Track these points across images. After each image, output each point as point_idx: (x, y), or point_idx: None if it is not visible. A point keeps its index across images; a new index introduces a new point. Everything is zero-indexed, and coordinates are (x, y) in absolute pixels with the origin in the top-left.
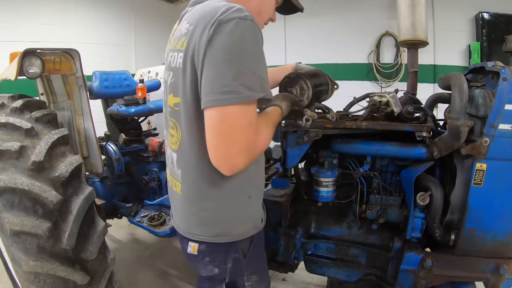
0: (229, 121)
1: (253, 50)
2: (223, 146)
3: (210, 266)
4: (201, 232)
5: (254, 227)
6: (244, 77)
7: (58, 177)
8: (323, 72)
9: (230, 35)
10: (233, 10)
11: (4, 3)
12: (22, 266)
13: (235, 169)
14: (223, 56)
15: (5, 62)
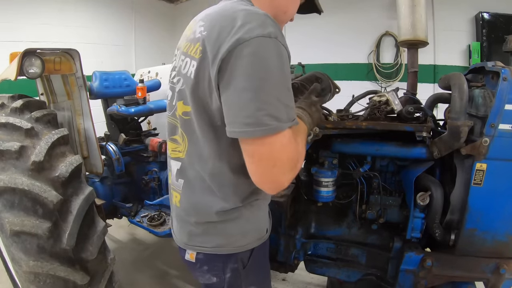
0: (263, 151)
1: (278, 75)
2: (263, 170)
3: (208, 275)
4: (200, 243)
5: (257, 239)
6: (269, 106)
7: (58, 177)
8: (325, 74)
9: (251, 58)
10: (255, 25)
11: (4, 3)
12: (22, 266)
13: (281, 187)
14: (244, 84)
15: (5, 62)
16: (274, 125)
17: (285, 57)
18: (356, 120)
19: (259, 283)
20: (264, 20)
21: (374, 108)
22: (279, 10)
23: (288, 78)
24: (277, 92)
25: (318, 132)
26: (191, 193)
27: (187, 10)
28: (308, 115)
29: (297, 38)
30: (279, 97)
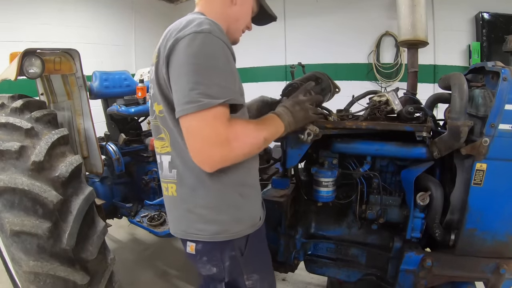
0: (195, 125)
1: (209, 61)
2: (195, 145)
3: (208, 265)
4: (198, 231)
5: (251, 225)
6: (201, 86)
7: (58, 177)
8: (325, 74)
9: (185, 49)
10: (192, 25)
11: (4, 3)
12: (22, 266)
13: (213, 163)
14: (180, 70)
15: (5, 62)
16: (206, 101)
17: (218, 46)
18: (356, 120)
19: (260, 270)
20: (203, 22)
21: (374, 108)
22: (231, 19)
23: (224, 63)
24: (209, 74)
25: (318, 132)
26: (185, 181)
27: (187, 10)
28: (290, 113)
29: (297, 38)
30: (212, 78)
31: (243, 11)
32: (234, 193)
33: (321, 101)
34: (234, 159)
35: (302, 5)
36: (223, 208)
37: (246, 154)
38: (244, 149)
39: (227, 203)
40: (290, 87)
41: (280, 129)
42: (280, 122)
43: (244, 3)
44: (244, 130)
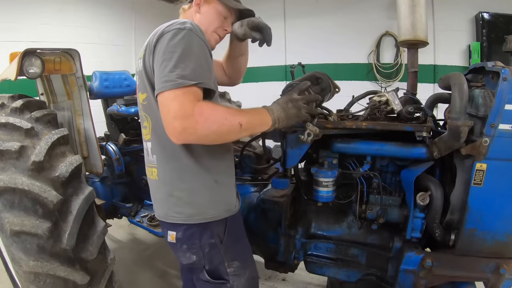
0: (168, 100)
1: (187, 50)
2: (164, 116)
3: (188, 253)
4: (177, 213)
5: (226, 210)
6: (178, 69)
7: (58, 177)
8: (325, 74)
9: (169, 41)
10: (177, 23)
11: (4, 3)
12: (22, 266)
13: (177, 134)
14: (163, 57)
15: (5, 62)
16: (180, 81)
17: (197, 42)
18: (356, 120)
19: (241, 258)
20: (187, 21)
21: (374, 108)
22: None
23: (200, 54)
24: (186, 60)
25: (318, 132)
26: (164, 165)
27: None
28: (281, 109)
29: (297, 38)
30: (188, 63)
31: (207, 18)
32: (210, 179)
33: (319, 101)
34: (201, 134)
35: (302, 5)
36: (199, 191)
37: (214, 131)
38: (210, 126)
39: (203, 187)
40: (290, 87)
41: (266, 121)
42: (267, 115)
43: (206, 11)
44: (212, 109)
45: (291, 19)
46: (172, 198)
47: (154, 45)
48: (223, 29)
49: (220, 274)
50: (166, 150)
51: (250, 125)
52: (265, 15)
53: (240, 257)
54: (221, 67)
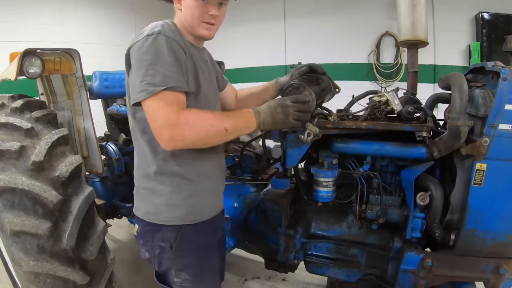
0: (153, 110)
1: (156, 56)
2: (152, 126)
3: (143, 249)
4: (139, 207)
5: (181, 217)
6: (148, 77)
7: (58, 177)
8: (324, 74)
9: (138, 50)
10: (147, 30)
11: (4, 3)
12: (22, 266)
13: (166, 142)
14: (135, 67)
15: (5, 62)
16: (151, 89)
17: (166, 43)
18: (356, 120)
19: (193, 272)
20: (157, 25)
21: (374, 108)
22: (185, 21)
23: (169, 57)
24: (155, 66)
25: (318, 132)
26: (137, 162)
27: None
28: (269, 113)
29: (297, 38)
30: (157, 69)
31: (188, 10)
32: (172, 182)
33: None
34: (188, 140)
35: (302, 5)
36: (159, 192)
37: (201, 138)
38: (197, 132)
39: (163, 188)
40: (290, 87)
41: (251, 124)
42: (253, 118)
43: (185, 4)
44: (197, 116)
45: (291, 19)
46: (138, 193)
47: (127, 57)
48: (208, 14)
49: (168, 280)
50: (139, 151)
51: (235, 128)
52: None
53: (192, 271)
54: (233, 95)
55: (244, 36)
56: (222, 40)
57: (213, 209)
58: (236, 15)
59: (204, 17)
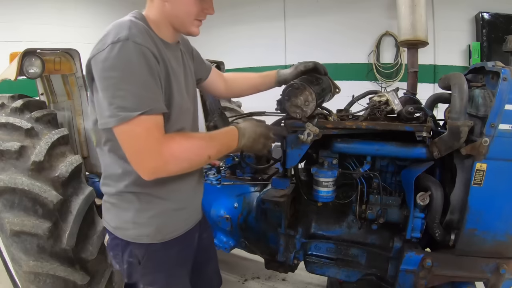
0: (125, 138)
1: (125, 71)
2: (130, 157)
3: (113, 260)
4: (107, 220)
5: (148, 236)
6: (118, 100)
7: (58, 177)
8: (325, 74)
9: (102, 64)
10: (110, 35)
11: (5, 3)
12: (22, 266)
13: (146, 174)
14: (100, 86)
15: (5, 62)
16: (122, 115)
17: (135, 54)
18: (356, 120)
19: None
20: (123, 26)
21: (374, 108)
22: (171, 16)
23: (140, 71)
24: (125, 86)
25: (318, 132)
26: (104, 171)
27: None
28: (252, 140)
29: (297, 38)
30: (128, 88)
31: (181, 5)
32: (140, 198)
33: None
34: (172, 172)
35: (302, 5)
36: (126, 209)
37: (185, 168)
38: (181, 164)
39: (130, 206)
40: (290, 87)
41: (232, 146)
42: (235, 141)
43: (178, 2)
44: (182, 146)
45: (291, 19)
46: (106, 206)
47: (89, 70)
48: (204, 12)
49: None
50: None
51: (218, 154)
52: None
53: (161, 286)
54: (220, 80)
55: (244, 36)
56: (222, 40)
57: (185, 225)
58: (236, 15)
59: (200, 14)
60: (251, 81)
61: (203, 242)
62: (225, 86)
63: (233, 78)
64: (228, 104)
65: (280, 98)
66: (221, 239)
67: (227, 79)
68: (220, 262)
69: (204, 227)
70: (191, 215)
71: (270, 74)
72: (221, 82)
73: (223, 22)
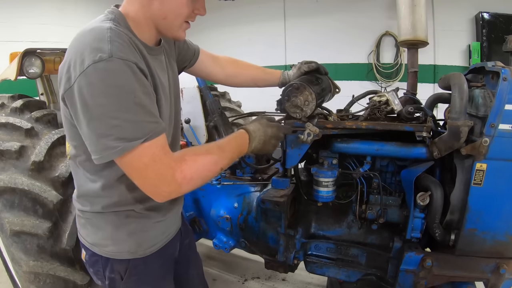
0: (128, 169)
1: (116, 97)
2: (141, 185)
3: (95, 276)
4: (83, 235)
5: (127, 251)
6: (114, 131)
7: (58, 177)
8: (326, 74)
9: (86, 91)
10: (87, 51)
11: (4, 3)
12: (22, 266)
13: (160, 199)
14: (86, 116)
15: (5, 62)
16: (122, 146)
17: (123, 72)
18: (356, 120)
19: None
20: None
21: (374, 108)
22: (157, 17)
23: (132, 92)
24: (119, 114)
25: (318, 132)
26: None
27: None
28: (262, 142)
29: (297, 37)
30: (124, 117)
31: (172, 6)
32: (118, 215)
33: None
34: (186, 192)
35: (302, 5)
36: (103, 225)
37: (198, 185)
38: (195, 184)
39: (108, 222)
40: (290, 87)
41: (243, 152)
42: (246, 146)
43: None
44: (194, 167)
45: (291, 19)
46: (81, 221)
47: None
48: (194, 13)
49: None
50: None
51: (229, 163)
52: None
53: None
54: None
55: (244, 36)
56: (222, 40)
57: (166, 236)
58: (236, 15)
59: (190, 16)
60: (252, 72)
61: (184, 248)
62: (222, 70)
63: (233, 63)
64: (228, 104)
65: (280, 98)
66: (221, 239)
67: (225, 63)
68: (220, 262)
69: (185, 234)
70: (170, 226)
71: (275, 72)
72: (216, 66)
73: (224, 22)
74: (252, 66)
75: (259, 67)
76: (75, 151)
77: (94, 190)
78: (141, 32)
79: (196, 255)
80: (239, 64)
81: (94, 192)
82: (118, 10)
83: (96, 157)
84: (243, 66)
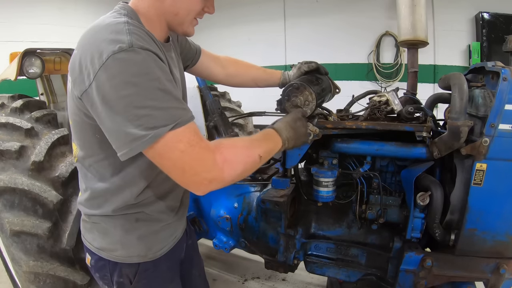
0: (158, 161)
1: (142, 86)
2: (177, 177)
3: (101, 282)
4: (89, 240)
5: (137, 255)
6: (142, 119)
7: (58, 177)
8: (326, 74)
9: (109, 84)
10: (108, 41)
11: (4, 3)
12: (22, 266)
13: (202, 189)
14: (111, 110)
15: (5, 62)
16: (152, 133)
17: (144, 61)
18: (356, 120)
19: None
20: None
21: (374, 108)
22: (169, 13)
23: (156, 79)
24: (147, 102)
25: (318, 132)
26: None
27: None
28: (290, 128)
29: (297, 37)
30: (153, 105)
31: (181, 2)
32: (128, 218)
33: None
34: (228, 181)
35: (302, 5)
36: (112, 229)
37: (240, 174)
38: (236, 169)
39: (117, 226)
40: (290, 87)
41: (278, 144)
42: (278, 138)
43: None
44: (233, 151)
45: (291, 19)
46: (87, 225)
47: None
48: (204, 11)
49: None
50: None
51: (267, 154)
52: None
53: None
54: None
55: (244, 36)
56: (222, 39)
57: (174, 239)
58: (236, 15)
59: (201, 13)
60: (252, 72)
61: (188, 249)
62: (223, 69)
63: (234, 63)
64: (228, 104)
65: (280, 98)
66: (221, 239)
67: (226, 63)
68: (220, 262)
69: (190, 234)
70: (178, 228)
71: (275, 73)
72: (217, 66)
73: (223, 21)
74: (253, 66)
75: (260, 67)
76: (83, 153)
77: (104, 192)
78: (153, 28)
79: (198, 255)
80: (239, 64)
81: (104, 194)
82: (129, 6)
83: (124, 151)
84: (244, 66)
